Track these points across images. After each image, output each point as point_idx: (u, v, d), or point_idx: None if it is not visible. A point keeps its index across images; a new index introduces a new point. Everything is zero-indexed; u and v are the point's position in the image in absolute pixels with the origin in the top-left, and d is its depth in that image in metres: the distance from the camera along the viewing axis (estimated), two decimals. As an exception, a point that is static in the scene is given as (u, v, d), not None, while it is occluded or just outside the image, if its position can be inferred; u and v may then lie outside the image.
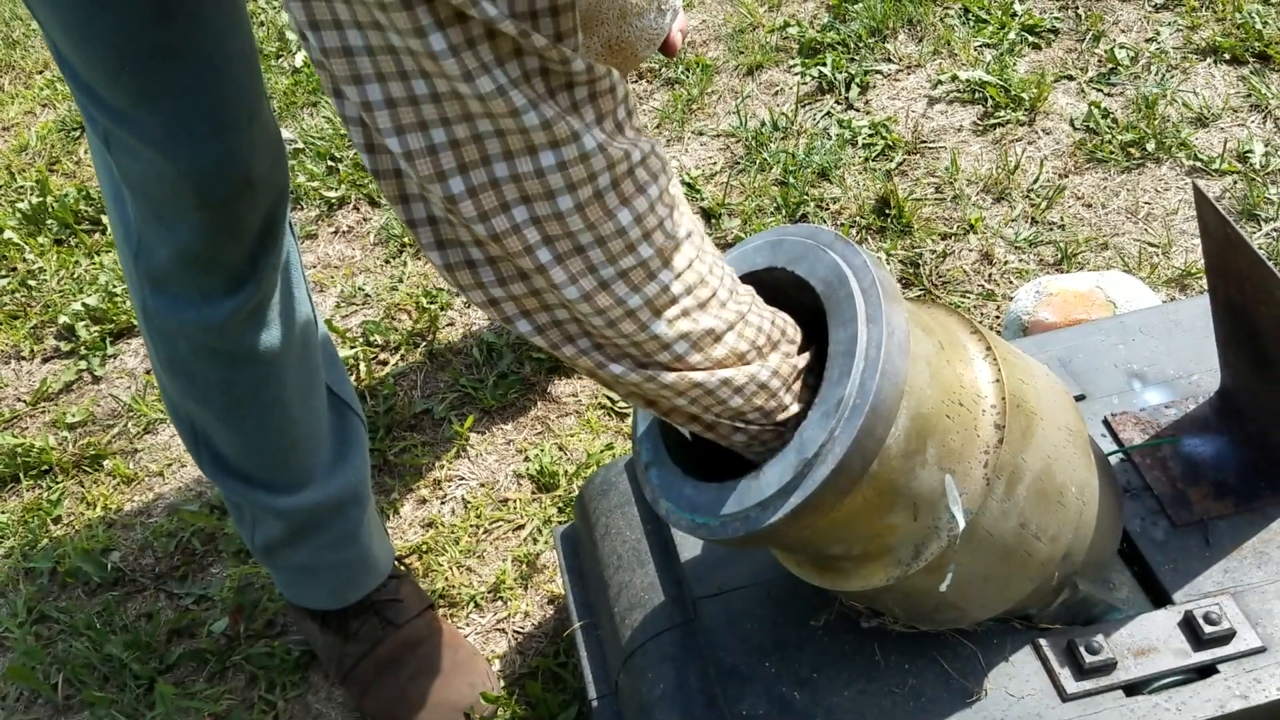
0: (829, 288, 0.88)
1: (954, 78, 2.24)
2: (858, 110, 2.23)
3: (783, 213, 2.01)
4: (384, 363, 1.87)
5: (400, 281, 2.01)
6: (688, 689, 1.06)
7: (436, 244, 0.76)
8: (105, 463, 1.78)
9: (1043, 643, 1.01)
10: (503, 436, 1.73)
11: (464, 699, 1.37)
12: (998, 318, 1.78)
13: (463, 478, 1.69)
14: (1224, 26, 2.27)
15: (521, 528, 1.60)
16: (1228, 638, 1.00)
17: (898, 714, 0.99)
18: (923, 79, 2.28)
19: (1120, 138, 2.05)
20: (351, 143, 0.74)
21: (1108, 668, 0.99)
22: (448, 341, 1.89)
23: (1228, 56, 2.20)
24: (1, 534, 1.70)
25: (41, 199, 2.25)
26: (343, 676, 1.42)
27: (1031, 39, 2.32)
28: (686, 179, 2.11)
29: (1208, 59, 2.21)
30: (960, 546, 0.90)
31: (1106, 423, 1.19)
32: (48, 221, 2.22)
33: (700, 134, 2.24)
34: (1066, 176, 2.01)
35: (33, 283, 2.11)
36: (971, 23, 2.39)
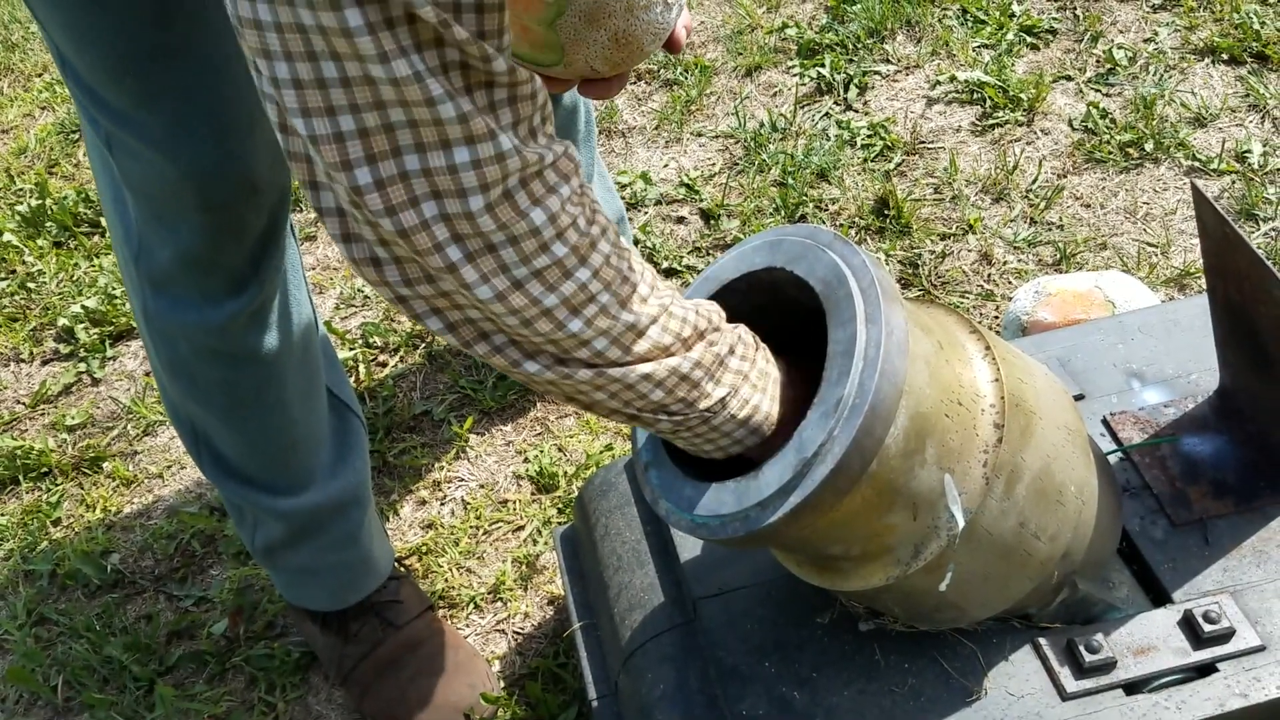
0: (828, 287, 0.88)
1: (952, 78, 2.25)
2: (856, 111, 2.23)
3: (782, 213, 2.01)
4: (383, 364, 1.87)
5: (399, 283, 2.01)
6: (688, 689, 1.06)
7: (343, 236, 0.74)
8: (105, 465, 1.78)
9: (1042, 642, 1.01)
10: (502, 438, 1.73)
11: (464, 700, 1.37)
12: (997, 318, 1.78)
13: (462, 479, 1.69)
14: (1222, 27, 2.27)
15: (521, 529, 1.60)
16: (1227, 636, 1.00)
17: (898, 713, 0.99)
18: (921, 80, 2.28)
19: (1119, 138, 2.05)
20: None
21: (1107, 667, 0.99)
22: (447, 343, 1.89)
23: (1226, 57, 2.20)
24: (1, 536, 1.70)
25: (41, 201, 2.25)
26: (343, 678, 1.42)
27: (1030, 39, 2.32)
28: (685, 180, 2.11)
29: (1206, 59, 2.21)
30: (959, 546, 0.90)
31: (1105, 422, 1.19)
32: (47, 224, 2.23)
33: (699, 135, 2.24)
34: (1065, 177, 2.01)
35: (32, 285, 2.11)
36: (970, 23, 2.39)
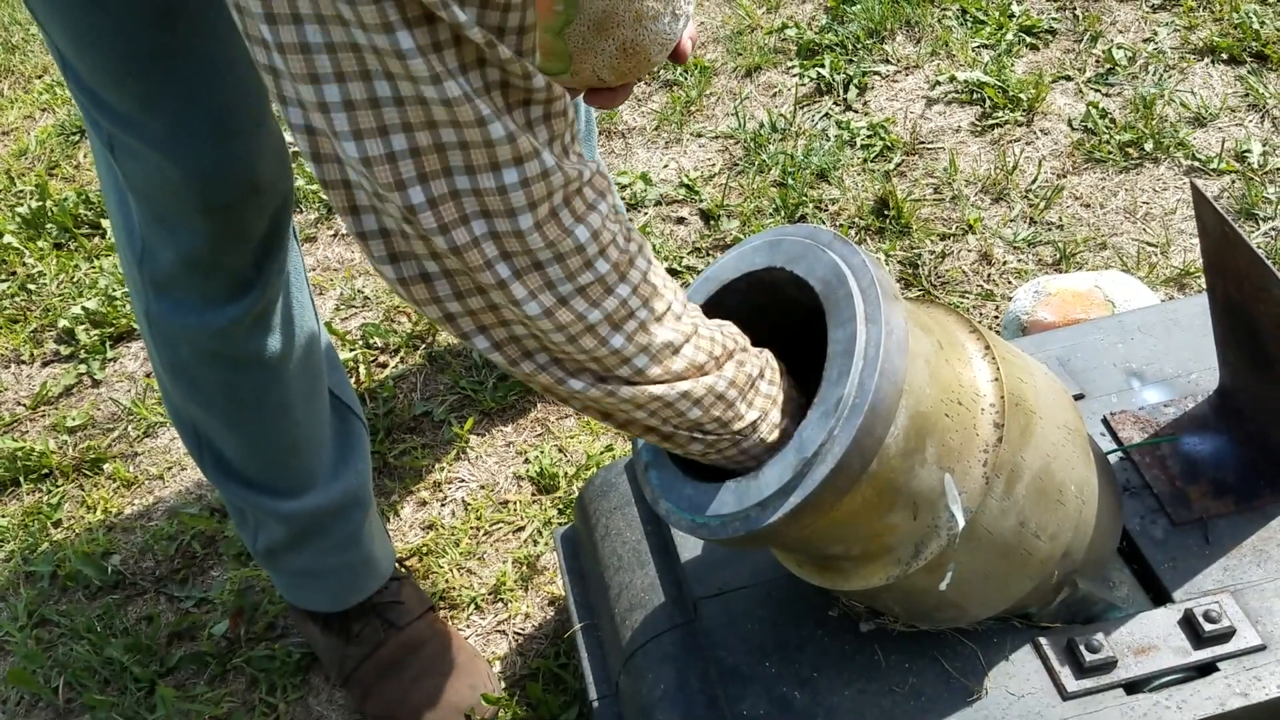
0: (828, 287, 0.88)
1: (952, 78, 2.25)
2: (856, 111, 2.23)
3: (781, 214, 2.01)
4: (384, 365, 1.88)
5: (400, 284, 2.01)
6: (688, 689, 1.06)
7: (389, 257, 0.74)
8: (105, 466, 1.78)
9: (1043, 641, 1.01)
10: (502, 438, 1.73)
11: (465, 700, 1.37)
12: (996, 318, 1.78)
13: (463, 480, 1.69)
14: (1221, 26, 2.27)
15: (522, 529, 1.61)
16: (1227, 636, 1.00)
17: (898, 713, 0.99)
18: (921, 80, 2.28)
19: (1118, 138, 2.05)
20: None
21: (1108, 666, 0.99)
22: (447, 344, 1.89)
23: (1225, 56, 2.20)
24: (2, 538, 1.70)
25: (41, 203, 2.25)
26: (344, 679, 1.42)
27: (1029, 39, 2.32)
28: (685, 181, 2.11)
29: (1205, 59, 2.21)
30: (960, 545, 0.90)
31: (1106, 421, 1.19)
32: (47, 225, 2.23)
33: (699, 136, 2.24)
34: (1065, 176, 2.01)
35: (32, 287, 2.11)
36: (969, 24, 2.39)
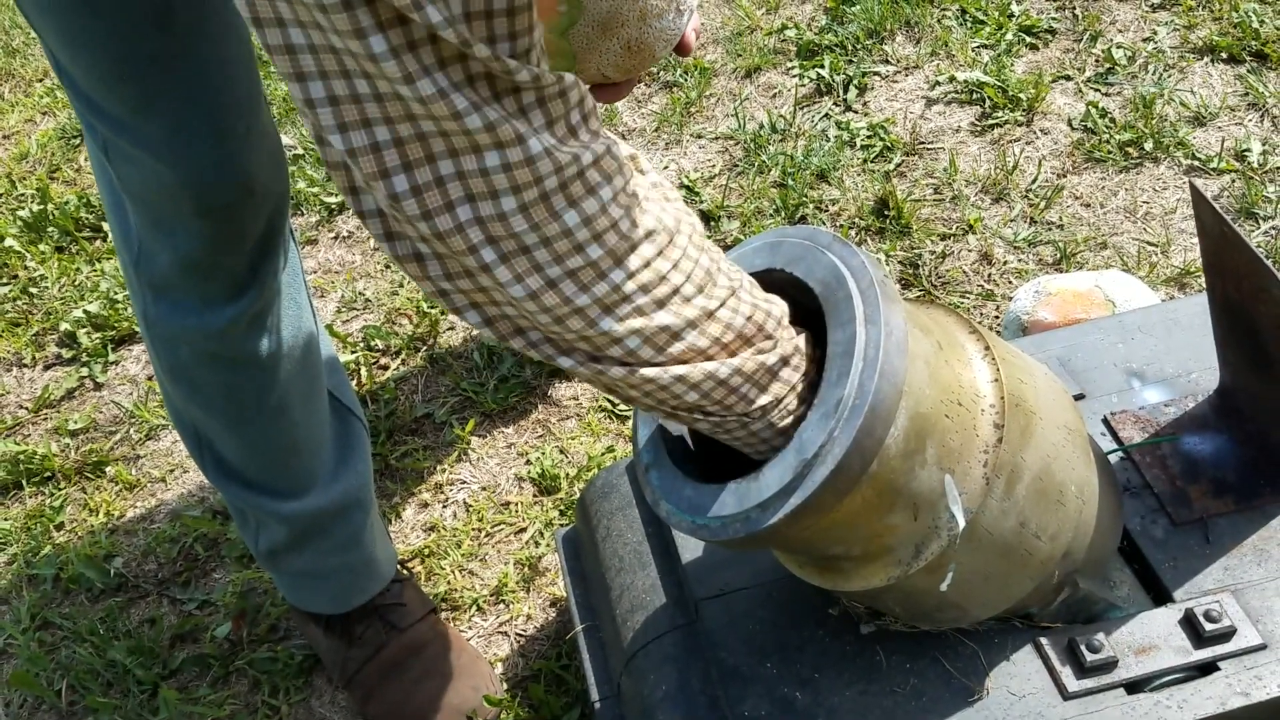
0: (827, 289, 0.88)
1: (952, 79, 2.25)
2: (856, 112, 2.23)
3: (782, 215, 2.01)
4: (385, 367, 1.88)
5: (401, 286, 2.02)
6: (690, 690, 1.06)
7: (386, 235, 0.76)
8: (107, 469, 1.78)
9: (1044, 641, 1.01)
10: (504, 440, 1.73)
11: (467, 702, 1.37)
12: (997, 318, 1.78)
13: (464, 481, 1.69)
14: (1221, 26, 2.27)
15: (523, 531, 1.61)
16: (1228, 635, 1.00)
17: (899, 714, 0.99)
18: (920, 80, 2.29)
19: (1118, 137, 2.05)
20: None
21: (1109, 666, 0.99)
22: (448, 346, 1.90)
23: (1225, 55, 2.20)
24: (4, 541, 1.70)
25: (42, 207, 2.25)
26: (346, 681, 1.42)
27: (1029, 39, 2.32)
28: (685, 182, 2.11)
29: (1205, 58, 2.21)
30: (960, 546, 0.90)
31: (1106, 421, 1.19)
32: (49, 229, 2.23)
33: (699, 136, 2.24)
34: (1065, 176, 2.01)
35: (34, 290, 2.12)
36: (969, 24, 2.39)
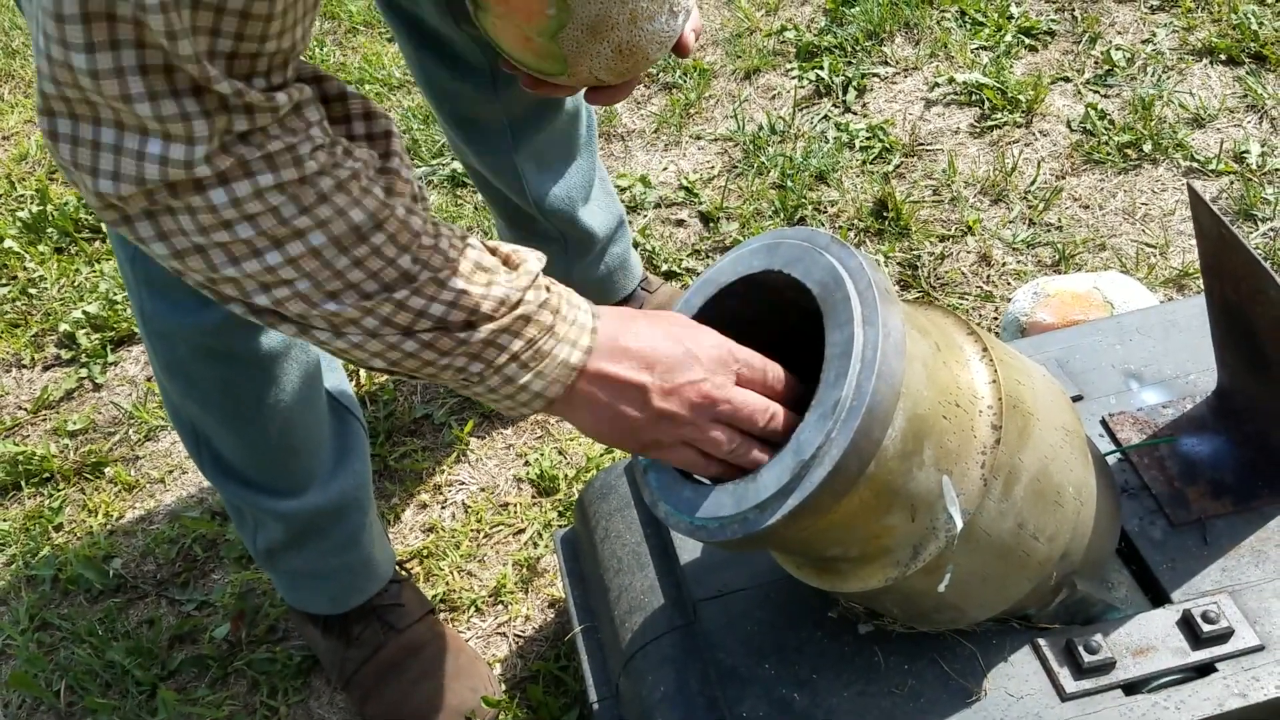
0: (825, 290, 0.88)
1: (951, 80, 2.25)
2: (855, 113, 2.23)
3: (781, 216, 2.01)
4: (384, 368, 1.88)
5: (400, 287, 2.02)
6: (688, 691, 1.06)
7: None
8: (106, 470, 1.79)
9: (1041, 642, 1.02)
10: (502, 441, 1.74)
11: (465, 703, 1.37)
12: (996, 319, 1.78)
13: (463, 482, 1.69)
14: (1220, 27, 2.27)
15: (522, 532, 1.61)
16: (1226, 636, 1.00)
17: (897, 715, 0.99)
18: (920, 82, 2.29)
19: (1117, 139, 2.05)
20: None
21: (1106, 667, 0.99)
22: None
23: (1224, 57, 2.20)
24: (3, 542, 1.70)
25: (41, 208, 2.25)
26: (344, 681, 1.42)
27: (1028, 41, 2.33)
28: (684, 183, 2.11)
29: (1204, 60, 2.21)
30: (958, 547, 0.90)
31: (1104, 423, 1.19)
32: (48, 230, 2.23)
33: (698, 138, 2.24)
34: (1064, 178, 2.02)
35: (33, 291, 2.12)
36: (968, 25, 2.39)
